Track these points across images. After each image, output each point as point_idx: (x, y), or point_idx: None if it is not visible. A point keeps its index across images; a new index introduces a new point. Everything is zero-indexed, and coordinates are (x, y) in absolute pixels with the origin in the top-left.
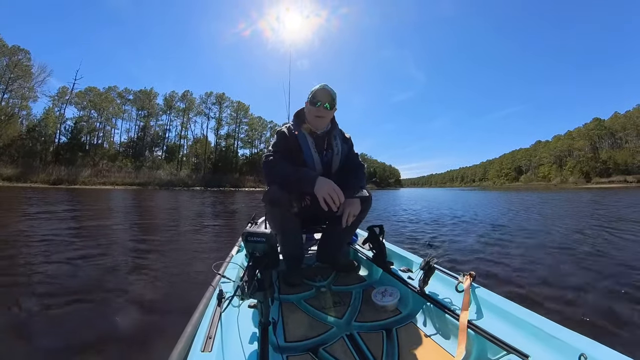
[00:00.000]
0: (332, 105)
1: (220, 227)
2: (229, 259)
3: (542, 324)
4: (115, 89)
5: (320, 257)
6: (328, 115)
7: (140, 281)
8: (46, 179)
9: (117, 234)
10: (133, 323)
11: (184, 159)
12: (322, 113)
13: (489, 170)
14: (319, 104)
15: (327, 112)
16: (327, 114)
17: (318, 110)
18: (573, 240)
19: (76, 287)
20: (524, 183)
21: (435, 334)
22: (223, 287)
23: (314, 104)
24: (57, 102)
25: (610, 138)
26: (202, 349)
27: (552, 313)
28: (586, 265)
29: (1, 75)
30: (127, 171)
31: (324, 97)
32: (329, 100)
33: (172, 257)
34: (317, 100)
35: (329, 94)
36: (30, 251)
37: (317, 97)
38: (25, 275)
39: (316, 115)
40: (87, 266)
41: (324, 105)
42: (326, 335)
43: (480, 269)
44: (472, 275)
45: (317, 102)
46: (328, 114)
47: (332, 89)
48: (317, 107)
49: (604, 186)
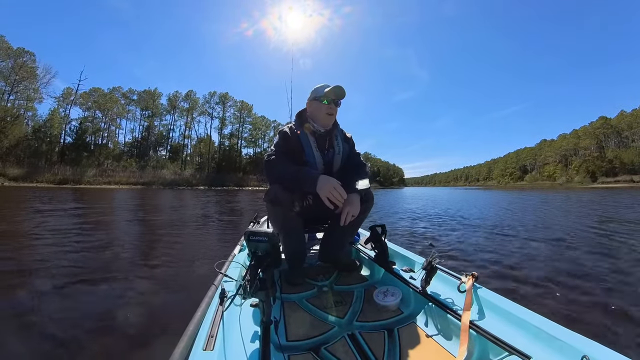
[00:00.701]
0: (341, 99)
1: (223, 225)
2: (231, 258)
3: (544, 325)
4: (120, 90)
5: (322, 257)
6: (336, 113)
7: (143, 278)
8: (51, 179)
9: (122, 230)
10: (135, 322)
11: (187, 158)
12: (334, 110)
13: (493, 170)
14: (330, 101)
15: (336, 110)
16: (336, 112)
17: (330, 108)
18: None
19: (83, 274)
20: (528, 182)
21: (437, 334)
22: (225, 286)
23: (329, 101)
24: (62, 103)
25: (616, 137)
26: (204, 348)
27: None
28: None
29: (7, 76)
30: (131, 171)
31: (340, 94)
32: (342, 96)
33: (174, 255)
34: (330, 97)
35: (343, 91)
36: (43, 242)
37: (332, 93)
38: (33, 267)
39: (328, 113)
40: (93, 258)
41: (337, 103)
42: (328, 334)
43: (479, 266)
44: (474, 275)
45: (331, 99)
46: (336, 111)
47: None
48: (328, 105)
49: (610, 186)
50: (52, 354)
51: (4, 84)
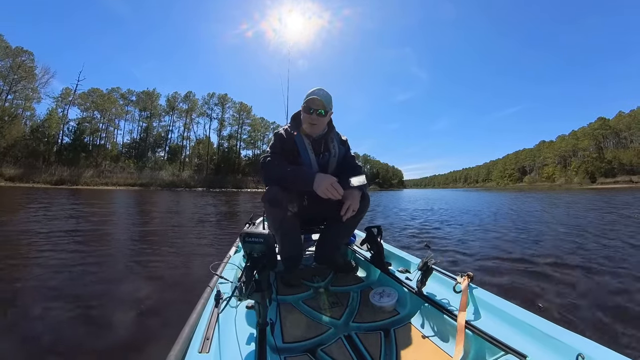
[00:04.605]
0: (326, 111)
1: (219, 227)
2: (226, 259)
3: (539, 324)
4: (118, 90)
5: (318, 258)
6: (322, 122)
7: (137, 281)
8: (48, 179)
9: (117, 231)
10: (129, 324)
11: (186, 160)
12: (316, 120)
13: (492, 171)
14: (312, 111)
15: (320, 119)
16: (321, 121)
17: (311, 118)
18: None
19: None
20: (527, 184)
21: (433, 334)
22: (221, 287)
23: (308, 111)
24: (60, 103)
25: (615, 138)
26: (200, 350)
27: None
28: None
29: (5, 76)
30: (129, 172)
31: (316, 105)
32: (322, 107)
33: (169, 257)
34: (310, 107)
35: (320, 102)
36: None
37: (309, 104)
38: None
39: (310, 123)
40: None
41: (317, 113)
42: (324, 336)
43: (474, 267)
44: (470, 276)
45: (310, 109)
46: (322, 120)
47: (326, 93)
48: (311, 115)
49: (609, 186)
50: (47, 354)
51: (2, 83)
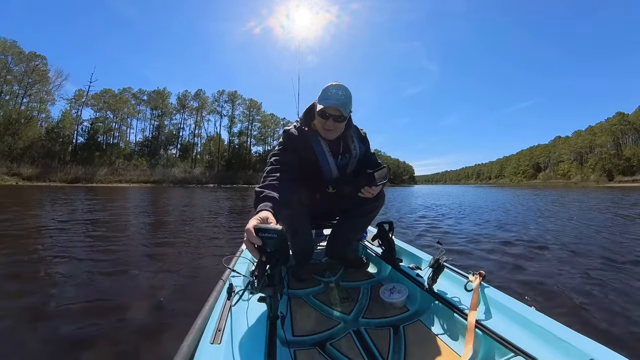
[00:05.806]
0: (345, 117)
1: (232, 220)
2: (239, 253)
3: (551, 327)
4: (130, 90)
5: (329, 253)
6: (340, 127)
7: (152, 272)
8: (64, 178)
9: (132, 224)
10: (143, 314)
11: (197, 156)
12: (332, 127)
13: (505, 167)
14: (328, 116)
15: (338, 125)
16: (339, 127)
17: (327, 124)
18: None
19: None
20: (542, 181)
21: (443, 332)
22: (233, 281)
23: (323, 116)
24: (74, 104)
25: (634, 134)
26: (212, 341)
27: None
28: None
29: (20, 80)
30: (142, 169)
31: (334, 112)
32: (340, 113)
33: (183, 250)
34: (325, 112)
35: (337, 109)
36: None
37: (325, 110)
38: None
39: (326, 129)
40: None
41: (333, 118)
42: (333, 330)
43: (486, 265)
44: (481, 274)
45: (325, 114)
46: (339, 126)
47: (345, 93)
48: (326, 121)
49: (628, 185)
50: (62, 342)
51: (18, 87)
